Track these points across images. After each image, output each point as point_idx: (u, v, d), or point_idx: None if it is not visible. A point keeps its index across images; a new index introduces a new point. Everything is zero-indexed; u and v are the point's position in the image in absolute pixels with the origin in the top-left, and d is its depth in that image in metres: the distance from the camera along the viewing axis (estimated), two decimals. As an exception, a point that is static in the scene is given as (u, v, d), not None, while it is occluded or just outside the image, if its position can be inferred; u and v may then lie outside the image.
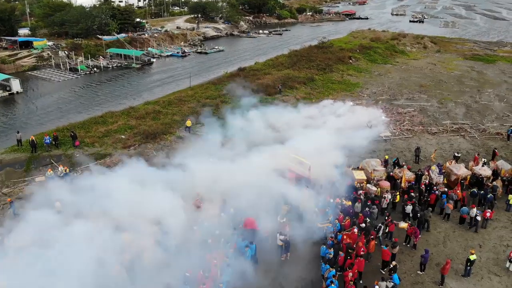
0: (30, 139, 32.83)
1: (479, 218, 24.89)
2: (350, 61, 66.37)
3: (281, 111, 39.16)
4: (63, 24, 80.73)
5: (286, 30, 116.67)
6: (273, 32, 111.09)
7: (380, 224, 23.39)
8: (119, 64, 71.13)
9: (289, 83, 53.41)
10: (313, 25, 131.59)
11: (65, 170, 30.21)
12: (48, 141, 32.94)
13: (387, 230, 23.54)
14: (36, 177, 29.94)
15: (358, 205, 25.26)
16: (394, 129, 39.28)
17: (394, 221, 24.25)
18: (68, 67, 66.14)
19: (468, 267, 21.35)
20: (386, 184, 27.96)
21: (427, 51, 79.86)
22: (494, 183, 28.81)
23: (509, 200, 27.11)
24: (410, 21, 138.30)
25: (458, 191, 27.27)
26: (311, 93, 50.87)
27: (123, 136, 36.43)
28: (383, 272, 21.40)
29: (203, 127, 38.46)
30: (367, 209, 25.21)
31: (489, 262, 22.62)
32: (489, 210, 25.32)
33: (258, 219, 22.67)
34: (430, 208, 26.16)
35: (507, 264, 22.29)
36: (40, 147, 33.32)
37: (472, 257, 21.09)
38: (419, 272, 21.73)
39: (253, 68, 61.68)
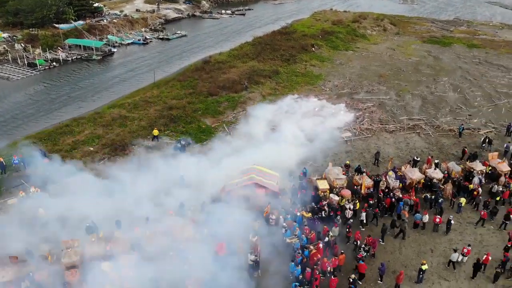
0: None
1: (452, 222, 27.49)
2: (313, 49, 67.51)
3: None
4: (18, 14, 77.22)
5: (249, 10, 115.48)
6: (236, 12, 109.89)
7: (364, 244, 25.36)
8: (79, 56, 69.08)
9: (255, 77, 54.22)
10: (275, 2, 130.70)
11: (37, 191, 30.52)
12: (16, 161, 32.84)
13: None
14: (8, 199, 30.15)
15: (335, 229, 26.49)
16: (354, 128, 41.23)
17: (380, 240, 26.46)
18: (26, 62, 63.86)
19: (421, 275, 23.89)
20: (348, 193, 29.90)
21: (387, 33, 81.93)
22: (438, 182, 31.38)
23: (461, 203, 29.67)
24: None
25: (413, 197, 29.69)
26: (276, 88, 51.96)
27: (91, 149, 36.65)
28: (360, 283, 23.73)
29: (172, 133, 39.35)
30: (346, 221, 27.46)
31: (440, 267, 25.31)
32: (439, 216, 27.86)
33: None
34: (406, 220, 28.18)
35: (459, 257, 24.82)
36: (9, 166, 33.21)
37: (424, 267, 23.64)
38: (379, 281, 24.10)
39: (218, 60, 61.75)
